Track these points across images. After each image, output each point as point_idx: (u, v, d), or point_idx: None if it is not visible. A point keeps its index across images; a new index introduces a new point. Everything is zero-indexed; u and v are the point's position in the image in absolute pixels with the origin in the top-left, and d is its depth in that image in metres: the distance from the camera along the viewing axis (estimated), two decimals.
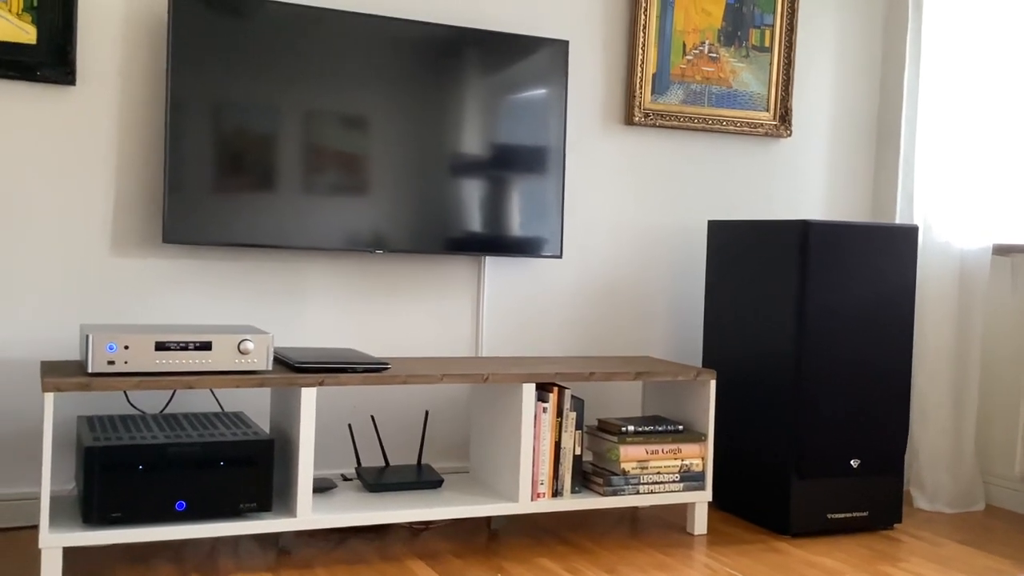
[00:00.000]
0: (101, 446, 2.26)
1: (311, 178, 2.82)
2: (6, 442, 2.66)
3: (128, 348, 2.29)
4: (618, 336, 3.37)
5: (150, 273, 2.79)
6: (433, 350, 3.12)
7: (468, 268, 3.16)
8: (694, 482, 2.84)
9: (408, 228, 2.93)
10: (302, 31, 2.79)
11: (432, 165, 2.96)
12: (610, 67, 3.32)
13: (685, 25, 3.38)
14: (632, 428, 2.79)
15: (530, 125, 3.08)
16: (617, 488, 2.75)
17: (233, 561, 2.46)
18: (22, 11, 2.61)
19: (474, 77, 2.99)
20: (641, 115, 3.32)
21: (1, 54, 2.59)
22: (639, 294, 3.40)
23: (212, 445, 2.36)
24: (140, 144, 2.76)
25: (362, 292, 3.03)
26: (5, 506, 2.64)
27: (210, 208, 2.71)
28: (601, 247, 3.34)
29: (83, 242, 2.72)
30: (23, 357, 2.67)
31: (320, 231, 2.83)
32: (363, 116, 2.87)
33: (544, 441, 2.68)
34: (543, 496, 2.68)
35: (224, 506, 2.37)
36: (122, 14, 2.72)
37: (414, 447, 3.08)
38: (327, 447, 2.96)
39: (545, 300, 3.26)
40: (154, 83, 2.77)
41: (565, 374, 2.70)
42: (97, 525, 2.26)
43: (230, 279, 2.87)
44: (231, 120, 2.73)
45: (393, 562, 2.51)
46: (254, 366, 2.41)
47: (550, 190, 3.11)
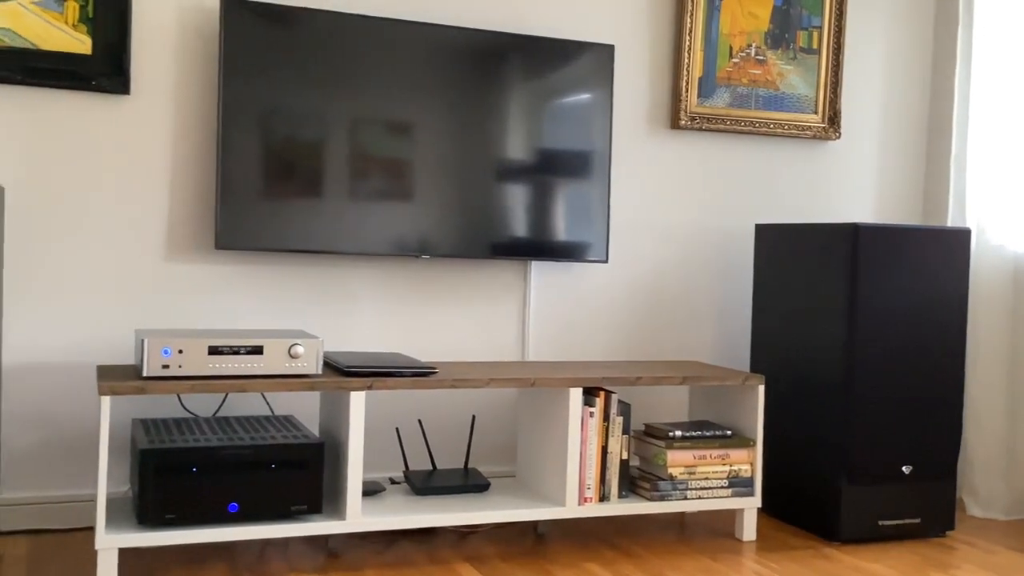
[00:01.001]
0: (156, 448, 2.31)
1: (358, 184, 2.85)
2: (63, 445, 2.71)
3: (182, 352, 2.33)
4: (664, 341, 3.36)
5: (203, 278, 2.83)
6: (479, 355, 3.14)
7: (514, 273, 3.17)
8: (743, 488, 2.82)
9: (454, 233, 2.95)
10: (349, 39, 2.82)
11: (478, 170, 2.97)
12: (656, 71, 3.32)
13: (731, 28, 3.36)
14: (679, 433, 2.78)
15: (575, 130, 3.08)
16: (664, 493, 2.74)
17: (284, 562, 2.49)
18: (78, 22, 2.67)
19: (519, 82, 3.01)
20: (687, 119, 3.31)
21: (58, 64, 2.65)
22: (686, 299, 3.39)
23: (263, 448, 2.40)
24: (193, 152, 2.81)
25: (409, 297, 3.05)
26: (62, 508, 2.70)
27: (261, 215, 2.75)
28: (647, 251, 3.33)
29: (138, 248, 2.77)
30: (80, 361, 2.72)
31: (367, 236, 2.86)
32: (409, 122, 2.89)
33: (591, 445, 2.68)
34: (590, 500, 2.68)
35: (275, 508, 2.40)
36: (175, 25, 2.78)
37: (461, 451, 3.10)
38: (375, 450, 2.99)
39: (591, 305, 3.26)
40: (206, 92, 2.81)
41: (612, 378, 2.69)
42: (152, 526, 2.30)
43: (280, 284, 2.91)
44: (280, 128, 2.77)
45: (441, 565, 2.52)
46: (304, 370, 2.44)
47: (595, 195, 3.11)
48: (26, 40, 2.62)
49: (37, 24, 2.63)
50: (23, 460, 2.68)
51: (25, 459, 2.68)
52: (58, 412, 2.71)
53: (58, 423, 2.71)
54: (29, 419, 2.68)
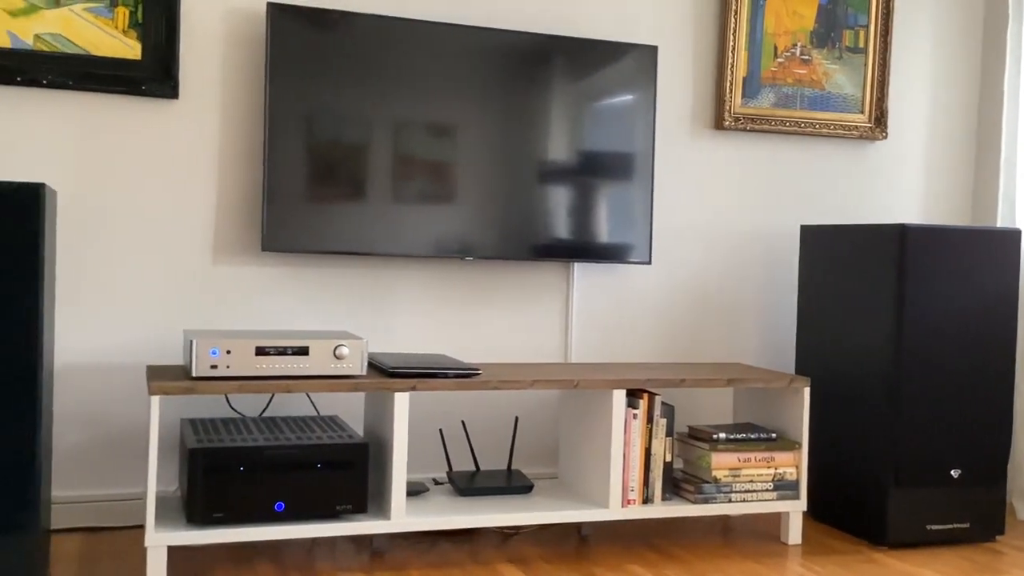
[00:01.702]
0: (205, 448, 2.34)
1: (402, 186, 2.87)
2: (113, 444, 2.76)
3: (230, 353, 2.36)
4: (708, 343, 3.34)
5: (249, 280, 2.87)
6: (521, 356, 3.14)
7: (556, 274, 3.17)
8: (788, 491, 2.80)
9: (496, 235, 2.96)
10: (392, 43, 2.84)
11: (520, 172, 2.98)
12: (699, 71, 3.30)
13: (776, 28, 3.34)
14: (724, 435, 2.76)
15: (618, 131, 3.07)
16: (708, 496, 2.72)
17: (329, 562, 2.52)
18: (128, 28, 2.71)
19: (562, 84, 3.01)
20: (731, 119, 3.29)
21: (108, 69, 2.69)
22: (729, 300, 3.36)
23: (309, 448, 2.42)
24: (239, 155, 2.85)
25: (451, 298, 3.06)
26: (112, 506, 2.75)
27: (305, 217, 2.78)
28: (691, 253, 3.32)
29: (186, 250, 2.81)
30: (129, 362, 2.77)
31: (410, 238, 2.88)
32: (452, 124, 2.91)
33: (634, 447, 2.67)
34: (633, 503, 2.67)
35: (321, 507, 2.42)
36: (222, 30, 2.81)
37: (503, 452, 3.10)
38: (419, 451, 3.00)
39: (634, 306, 3.26)
40: (252, 97, 2.85)
41: (655, 380, 2.69)
42: (200, 525, 2.34)
43: (324, 285, 2.94)
44: (325, 131, 2.79)
45: (484, 566, 2.53)
46: (349, 371, 2.46)
47: (639, 196, 3.10)
48: (78, 46, 2.67)
49: (88, 30, 2.68)
50: (75, 459, 2.73)
51: (77, 458, 2.73)
52: (108, 412, 2.76)
53: (108, 423, 2.76)
54: (80, 419, 2.73)
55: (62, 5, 2.65)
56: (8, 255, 2.05)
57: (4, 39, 2.61)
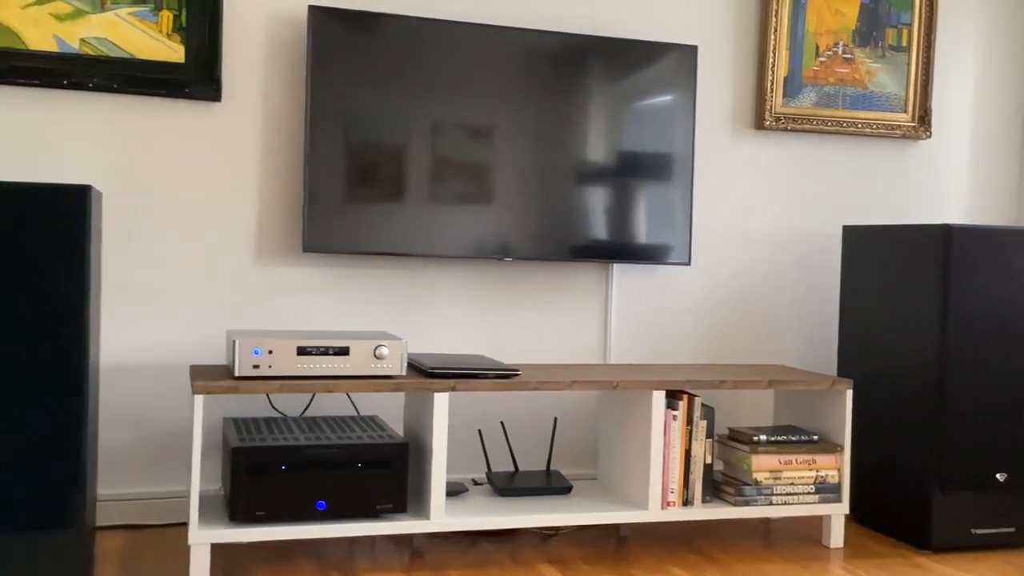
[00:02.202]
0: (247, 447, 2.36)
1: (440, 188, 2.88)
2: (156, 443, 2.80)
3: (272, 353, 2.38)
4: (748, 344, 3.32)
5: (290, 281, 2.89)
6: (560, 357, 3.14)
7: (595, 275, 3.16)
8: (830, 494, 2.77)
9: (535, 236, 2.96)
10: (431, 44, 2.85)
11: (559, 173, 2.98)
12: (740, 71, 3.28)
13: (818, 27, 3.31)
14: (764, 437, 2.74)
15: (657, 131, 3.06)
16: (749, 498, 2.70)
17: (369, 561, 2.53)
18: (171, 32, 2.74)
19: (600, 84, 3.00)
20: (772, 119, 3.26)
21: (152, 73, 2.73)
22: (770, 301, 3.34)
23: (350, 447, 2.44)
24: (280, 157, 2.87)
25: (490, 299, 3.07)
26: (156, 504, 2.78)
27: (346, 218, 2.80)
28: (731, 254, 3.30)
29: (229, 251, 2.84)
30: (172, 361, 2.80)
31: (448, 239, 2.89)
32: (490, 125, 2.91)
33: (674, 449, 2.66)
34: (673, 505, 2.66)
35: (361, 507, 2.43)
36: (264, 33, 2.84)
37: (542, 453, 3.10)
38: (457, 451, 3.01)
39: (673, 307, 3.24)
40: (293, 98, 2.87)
41: (695, 382, 2.67)
42: (243, 523, 2.36)
43: (364, 286, 2.95)
44: (364, 133, 2.81)
45: (524, 566, 2.53)
46: (389, 371, 2.47)
47: (678, 196, 3.09)
48: (123, 50, 2.71)
49: (133, 34, 2.71)
50: (119, 458, 2.77)
51: (121, 457, 2.77)
52: (152, 411, 2.79)
53: (152, 422, 2.79)
54: (125, 418, 2.77)
55: (107, 9, 2.69)
56: (56, 256, 2.08)
57: (51, 43, 2.65)
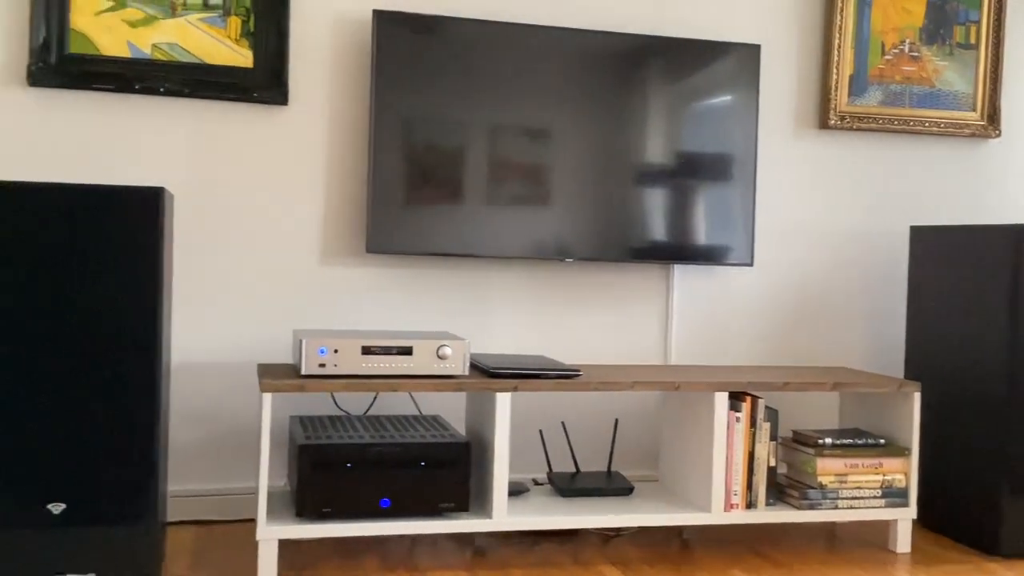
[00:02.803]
0: (314, 444, 2.40)
1: (501, 189, 2.89)
2: (224, 440, 2.85)
3: (337, 352, 2.41)
4: (812, 346, 3.28)
5: (354, 281, 2.93)
6: (620, 358, 3.13)
7: (656, 276, 3.15)
8: (896, 498, 2.73)
9: (594, 237, 2.96)
10: (492, 46, 2.87)
11: (618, 174, 2.97)
12: (803, 70, 3.25)
13: (884, 24, 3.26)
14: (830, 440, 2.71)
15: (719, 131, 3.05)
16: (814, 502, 2.67)
17: (432, 559, 2.55)
18: (240, 37, 2.80)
19: (660, 85, 2.99)
20: (837, 118, 3.22)
21: (221, 77, 2.79)
22: (835, 303, 3.30)
23: (414, 446, 2.46)
24: (345, 159, 2.91)
25: (550, 300, 3.07)
26: (224, 500, 2.84)
27: (409, 219, 2.83)
28: (794, 254, 3.26)
29: (295, 252, 2.88)
30: (239, 360, 2.86)
31: (509, 240, 2.90)
32: (550, 127, 2.92)
33: (737, 451, 2.64)
34: (736, 507, 2.64)
35: (424, 505, 2.46)
36: (330, 38, 2.88)
37: (602, 454, 3.10)
38: (518, 451, 3.02)
39: (735, 309, 3.22)
40: (358, 101, 2.91)
41: (758, 383, 2.65)
42: (309, 519, 2.39)
43: (427, 286, 2.98)
44: (427, 135, 2.84)
45: (586, 567, 2.53)
46: (452, 371, 2.49)
47: (740, 197, 3.07)
48: (193, 55, 2.77)
49: (203, 40, 2.77)
50: (189, 454, 2.83)
51: (190, 454, 2.83)
52: (220, 409, 2.85)
53: (220, 419, 2.85)
54: (194, 415, 2.83)
55: (178, 16, 2.76)
56: (131, 257, 2.14)
57: (124, 49, 2.72)
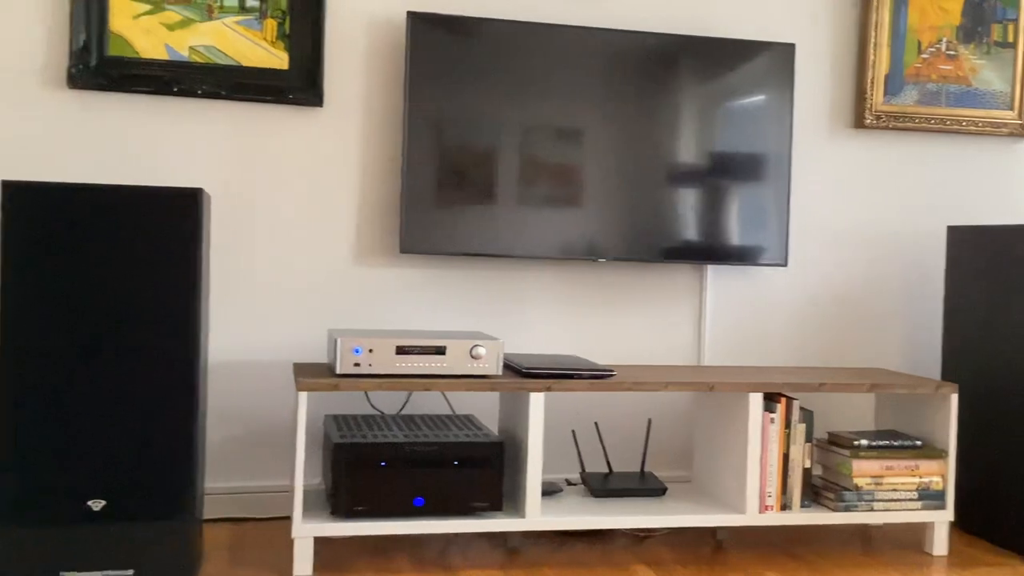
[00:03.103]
0: (348, 443, 2.41)
1: (534, 190, 2.90)
2: (260, 439, 2.88)
3: (372, 352, 2.43)
4: (847, 347, 3.26)
5: (388, 281, 2.94)
6: (652, 358, 3.13)
7: (689, 277, 3.14)
8: (933, 500, 2.70)
9: (627, 237, 2.96)
10: (523, 47, 2.87)
11: (650, 174, 2.97)
12: (839, 69, 3.22)
13: (920, 23, 3.23)
14: (866, 442, 2.69)
15: (752, 131, 3.03)
16: (850, 504, 2.65)
17: (465, 558, 2.56)
18: (276, 39, 2.82)
19: (693, 84, 2.98)
20: (872, 117, 3.20)
21: (258, 79, 2.81)
22: (870, 304, 3.27)
23: (448, 445, 2.47)
24: (379, 160, 2.93)
25: (582, 300, 3.07)
26: (260, 497, 2.86)
27: (442, 220, 2.84)
28: (829, 255, 3.24)
29: (329, 252, 2.91)
30: (273, 359, 2.88)
31: (542, 241, 2.90)
32: (582, 127, 2.92)
33: (772, 453, 2.63)
34: (771, 509, 2.62)
35: (458, 504, 2.47)
36: (364, 40, 2.90)
37: (635, 454, 3.09)
38: (551, 451, 3.02)
39: (769, 309, 3.20)
40: (391, 103, 2.92)
41: (793, 384, 2.64)
42: (344, 517, 2.41)
43: (460, 287, 2.99)
44: (460, 136, 2.85)
45: (619, 567, 2.53)
46: (485, 370, 2.50)
47: (774, 197, 3.05)
48: (229, 58, 2.79)
49: (240, 42, 2.80)
50: (225, 452, 2.85)
51: (227, 451, 2.86)
52: (256, 407, 2.87)
53: (256, 418, 2.88)
54: (231, 414, 2.86)
55: (215, 18, 2.79)
56: (169, 257, 2.17)
57: (162, 52, 2.76)
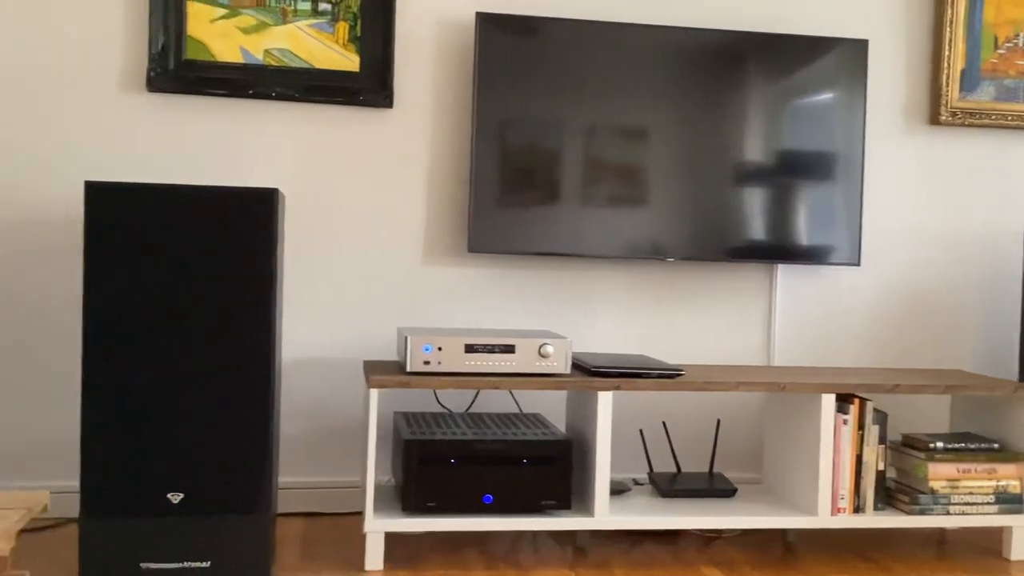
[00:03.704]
0: (419, 440, 2.44)
1: (601, 189, 2.90)
2: (331, 435, 2.92)
3: (441, 350, 2.45)
4: (921, 348, 3.20)
5: (456, 280, 2.97)
6: (720, 358, 3.10)
7: (758, 276, 3.11)
8: (1011, 504, 2.64)
9: (695, 237, 2.94)
10: (590, 46, 2.87)
11: (718, 173, 2.95)
12: (913, 65, 3.17)
13: (996, 18, 3.16)
14: (941, 445, 2.64)
15: (823, 129, 2.99)
16: (924, 507, 2.61)
17: (533, 556, 2.57)
18: (347, 41, 2.87)
19: (762, 82, 2.96)
20: (948, 114, 3.14)
21: (330, 81, 2.86)
22: (946, 304, 3.21)
23: (516, 443, 2.48)
24: (447, 160, 2.96)
25: (650, 300, 3.06)
26: (332, 493, 2.91)
27: (510, 219, 2.85)
28: (903, 254, 3.19)
29: (398, 251, 2.94)
30: (343, 357, 2.92)
31: (609, 240, 2.90)
32: (648, 126, 2.91)
33: (844, 454, 2.59)
34: (843, 511, 2.59)
35: (527, 502, 2.48)
36: (433, 41, 2.93)
37: (703, 455, 3.08)
38: (618, 451, 3.02)
39: (841, 310, 3.16)
40: (460, 103, 2.95)
41: (867, 385, 2.60)
42: (414, 513, 2.44)
43: (526, 286, 3.00)
44: (528, 136, 2.86)
45: (688, 568, 2.52)
46: (553, 369, 2.51)
47: (846, 195, 3.01)
48: (302, 60, 2.84)
49: (313, 45, 2.85)
50: (299, 448, 2.90)
51: (300, 447, 2.91)
52: (328, 404, 2.92)
53: (328, 414, 2.92)
54: (304, 410, 2.91)
55: (289, 22, 2.84)
56: (246, 256, 2.21)
57: (237, 55, 2.82)
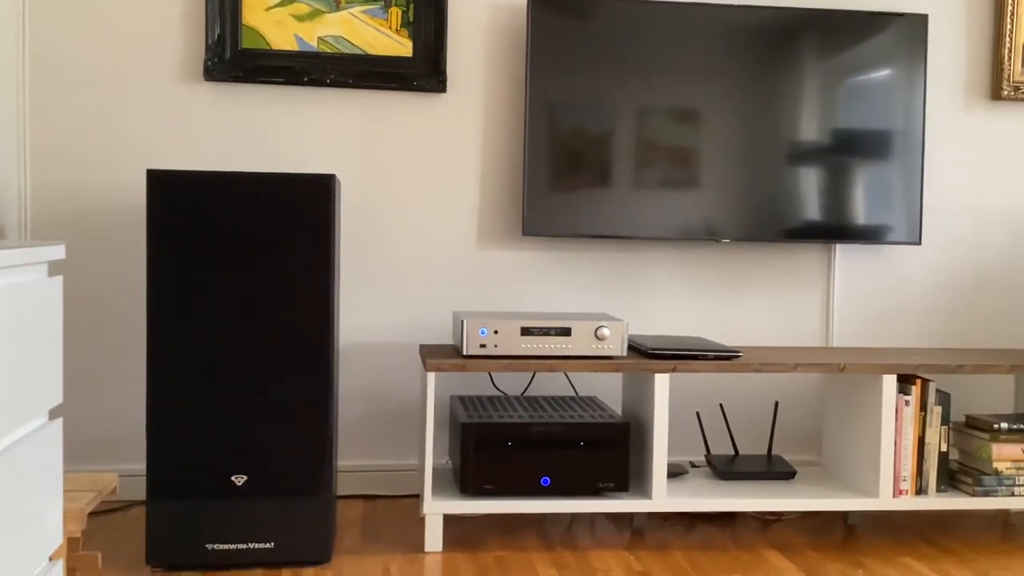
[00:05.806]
0: (476, 423, 2.46)
1: (655, 170, 2.88)
2: (389, 418, 2.95)
3: (497, 333, 2.46)
4: (984, 328, 3.14)
5: (510, 264, 2.98)
6: (778, 339, 3.07)
7: (816, 256, 3.08)
8: None
9: (750, 217, 2.91)
10: (642, 26, 2.85)
11: (773, 153, 2.91)
12: (973, 39, 3.10)
13: None
14: (1006, 425, 2.59)
15: (881, 106, 2.94)
16: (989, 489, 2.56)
17: (591, 538, 2.57)
18: (400, 27, 2.88)
19: (817, 60, 2.91)
20: (1010, 89, 3.06)
21: (383, 67, 2.87)
22: (1010, 283, 3.14)
23: (573, 426, 2.49)
24: (501, 144, 2.96)
25: (705, 281, 3.04)
26: (390, 475, 2.94)
27: (562, 202, 2.85)
28: (964, 232, 3.13)
29: (453, 235, 2.95)
30: (400, 341, 2.95)
31: (663, 221, 2.88)
32: (702, 107, 2.88)
33: (906, 436, 2.56)
34: (906, 493, 2.56)
35: (584, 484, 2.48)
36: (486, 25, 2.93)
37: (761, 437, 3.05)
38: (675, 433, 3.01)
39: (901, 289, 3.11)
40: (512, 86, 2.95)
41: (929, 366, 2.56)
42: (472, 495, 2.46)
43: (582, 268, 3.00)
44: (580, 119, 2.85)
45: (748, 550, 2.51)
46: (610, 351, 2.50)
47: (907, 173, 2.96)
48: (356, 47, 2.86)
49: (366, 31, 2.86)
50: (357, 431, 2.94)
51: (358, 430, 2.94)
52: (385, 388, 2.95)
53: (385, 398, 2.95)
54: (362, 394, 2.94)
55: (342, 9, 2.85)
56: (304, 241, 2.24)
57: (292, 43, 2.84)
